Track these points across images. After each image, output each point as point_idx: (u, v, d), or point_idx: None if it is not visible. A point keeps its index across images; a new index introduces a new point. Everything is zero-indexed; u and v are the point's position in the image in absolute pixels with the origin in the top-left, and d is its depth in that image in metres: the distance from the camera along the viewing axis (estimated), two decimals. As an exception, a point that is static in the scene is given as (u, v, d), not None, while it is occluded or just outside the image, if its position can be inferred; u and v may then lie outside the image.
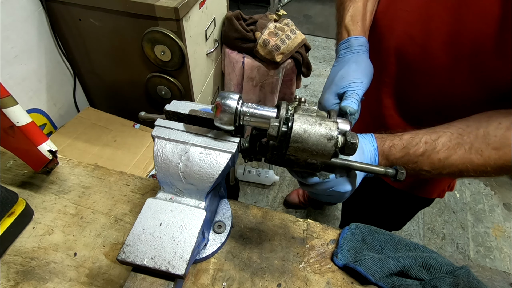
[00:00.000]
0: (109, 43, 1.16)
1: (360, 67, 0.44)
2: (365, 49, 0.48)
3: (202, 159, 0.38)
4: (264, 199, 1.68)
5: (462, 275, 0.43)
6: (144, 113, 0.44)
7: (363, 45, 0.48)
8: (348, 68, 0.44)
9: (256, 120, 0.36)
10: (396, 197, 0.76)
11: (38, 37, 1.11)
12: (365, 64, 0.45)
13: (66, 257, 0.47)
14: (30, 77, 1.12)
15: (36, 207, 0.52)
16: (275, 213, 0.54)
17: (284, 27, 1.49)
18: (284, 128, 0.32)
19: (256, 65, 1.48)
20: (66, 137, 1.16)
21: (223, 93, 0.35)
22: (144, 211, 0.37)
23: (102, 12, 1.05)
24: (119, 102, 1.42)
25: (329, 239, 0.51)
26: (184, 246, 0.35)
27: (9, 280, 0.44)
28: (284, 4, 3.20)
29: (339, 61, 0.48)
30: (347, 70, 0.44)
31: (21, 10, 1.02)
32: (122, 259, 0.34)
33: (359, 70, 0.44)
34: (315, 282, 0.46)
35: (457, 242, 1.59)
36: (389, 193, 0.74)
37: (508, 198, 1.80)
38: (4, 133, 0.48)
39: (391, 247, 0.49)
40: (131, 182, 0.57)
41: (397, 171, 0.35)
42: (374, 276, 0.44)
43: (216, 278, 0.45)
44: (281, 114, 0.34)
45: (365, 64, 0.45)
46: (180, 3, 0.99)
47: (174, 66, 1.14)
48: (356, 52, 0.46)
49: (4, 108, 0.45)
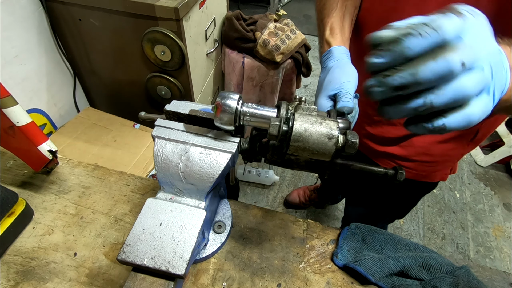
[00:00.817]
0: (109, 43, 1.16)
1: (344, 70, 0.46)
2: (347, 56, 0.50)
3: (202, 159, 0.38)
4: (264, 199, 1.68)
5: (462, 275, 0.43)
6: (144, 113, 0.44)
7: (344, 53, 0.50)
8: (333, 73, 0.46)
9: (256, 120, 0.36)
10: (399, 185, 0.76)
11: (38, 37, 1.11)
12: (348, 68, 0.47)
13: (66, 257, 0.47)
14: (30, 77, 1.12)
15: (36, 207, 0.52)
16: (275, 213, 0.54)
17: (284, 27, 1.49)
18: (284, 127, 0.32)
19: (256, 65, 1.48)
20: (66, 137, 1.16)
21: (223, 93, 0.35)
22: (144, 211, 0.37)
23: (102, 12, 1.05)
24: (119, 102, 1.42)
25: (329, 239, 0.51)
26: (184, 246, 0.35)
27: (9, 280, 0.44)
28: (284, 4, 3.20)
29: (323, 70, 0.50)
30: (332, 75, 0.46)
31: (21, 10, 1.02)
32: (122, 259, 0.34)
33: (344, 73, 0.45)
34: (315, 282, 0.46)
35: (457, 242, 1.59)
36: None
37: (508, 198, 1.80)
38: (4, 133, 0.48)
39: (391, 247, 0.49)
40: (131, 182, 0.57)
41: (397, 171, 0.35)
42: (374, 276, 0.44)
43: (216, 278, 0.45)
44: (282, 113, 0.34)
45: (348, 68, 0.47)
46: (180, 3, 0.99)
47: (174, 66, 1.14)
48: (337, 59, 0.48)
49: (4, 108, 0.45)
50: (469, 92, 0.25)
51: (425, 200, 1.75)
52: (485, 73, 0.26)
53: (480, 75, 0.25)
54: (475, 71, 0.25)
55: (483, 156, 1.95)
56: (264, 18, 1.52)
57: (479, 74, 0.25)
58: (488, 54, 0.26)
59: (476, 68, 0.25)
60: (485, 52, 0.26)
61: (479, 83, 0.25)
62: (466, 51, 0.24)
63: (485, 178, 1.90)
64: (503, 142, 1.86)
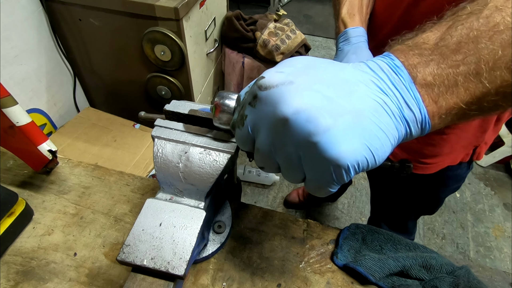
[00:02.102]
0: (109, 43, 1.16)
1: (360, 57, 0.43)
2: (364, 39, 0.46)
3: (202, 159, 0.38)
4: (264, 199, 1.68)
5: (462, 275, 0.43)
6: (144, 113, 0.44)
7: (361, 35, 0.46)
8: (347, 60, 0.43)
9: None
10: (418, 182, 0.73)
11: (38, 37, 1.11)
12: (364, 54, 0.44)
13: (66, 257, 0.47)
14: (30, 77, 1.12)
15: (36, 207, 0.52)
16: (275, 213, 0.54)
17: (284, 27, 1.49)
18: None
19: (256, 65, 1.48)
20: (66, 137, 1.16)
21: (221, 93, 0.35)
22: (143, 211, 0.37)
23: (102, 12, 1.05)
24: (119, 102, 1.42)
25: (329, 239, 0.51)
26: (184, 246, 0.35)
27: (9, 280, 0.44)
28: (284, 4, 3.20)
29: (338, 54, 0.47)
30: (347, 62, 0.42)
31: (21, 10, 1.02)
32: (121, 259, 0.34)
33: (359, 60, 0.43)
34: (315, 282, 0.46)
35: (457, 242, 1.59)
36: (411, 180, 0.72)
37: (508, 198, 1.80)
38: (4, 133, 0.48)
39: (391, 247, 0.49)
40: (131, 182, 0.57)
41: (404, 164, 0.34)
42: (374, 276, 0.44)
43: (216, 278, 0.45)
44: None
45: (364, 54, 0.44)
46: (180, 3, 0.99)
47: (174, 66, 1.15)
48: (354, 43, 0.45)
49: (4, 108, 0.45)
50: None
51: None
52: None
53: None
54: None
55: (483, 156, 1.95)
56: (264, 18, 1.52)
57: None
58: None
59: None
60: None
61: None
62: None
63: (485, 178, 1.90)
64: (503, 142, 1.86)
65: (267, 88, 0.24)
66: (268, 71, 0.26)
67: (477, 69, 0.23)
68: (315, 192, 0.27)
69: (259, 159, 0.28)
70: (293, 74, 0.24)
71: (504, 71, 0.22)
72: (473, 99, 0.23)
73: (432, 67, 0.23)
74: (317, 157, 0.22)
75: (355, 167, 0.23)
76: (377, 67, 0.25)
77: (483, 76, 0.23)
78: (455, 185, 0.76)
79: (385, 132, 0.23)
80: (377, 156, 0.23)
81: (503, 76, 0.22)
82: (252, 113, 0.26)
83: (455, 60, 0.23)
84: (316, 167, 0.24)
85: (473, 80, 0.23)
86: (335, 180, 0.24)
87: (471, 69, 0.23)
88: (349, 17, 0.49)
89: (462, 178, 0.76)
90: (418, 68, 0.24)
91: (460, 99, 0.23)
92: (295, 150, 0.24)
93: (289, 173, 0.27)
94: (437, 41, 0.24)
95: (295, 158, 0.24)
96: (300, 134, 0.22)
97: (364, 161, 0.23)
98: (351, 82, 0.24)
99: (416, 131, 0.25)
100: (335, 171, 0.23)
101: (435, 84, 0.23)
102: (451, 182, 0.75)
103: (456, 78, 0.23)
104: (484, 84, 0.23)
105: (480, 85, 0.23)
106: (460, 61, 0.23)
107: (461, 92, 0.23)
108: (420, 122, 0.24)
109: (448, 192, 0.79)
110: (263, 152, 0.27)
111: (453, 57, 0.23)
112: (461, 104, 0.24)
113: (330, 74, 0.24)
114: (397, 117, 0.23)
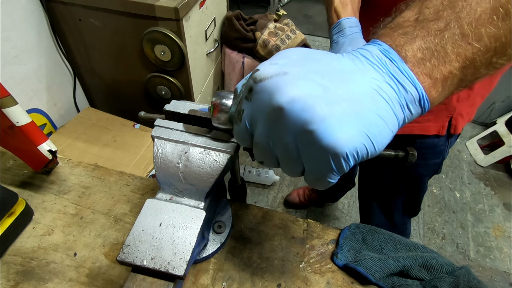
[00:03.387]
0: (109, 43, 1.16)
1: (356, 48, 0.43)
2: (358, 29, 0.46)
3: (201, 159, 0.38)
4: (264, 199, 1.68)
5: (462, 275, 0.43)
6: (144, 113, 0.44)
7: (355, 25, 0.46)
8: (344, 52, 0.43)
9: None
10: (402, 171, 0.74)
11: (38, 37, 1.11)
12: (361, 44, 0.42)
13: (66, 257, 0.47)
14: (30, 77, 1.12)
15: (36, 207, 0.52)
16: (275, 213, 0.54)
17: (284, 27, 1.49)
18: None
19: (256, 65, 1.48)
20: (66, 137, 1.16)
21: (219, 93, 0.35)
22: (143, 211, 0.37)
23: (102, 12, 1.05)
24: (119, 102, 1.42)
25: (329, 239, 0.51)
26: (184, 246, 0.35)
27: (9, 280, 0.44)
28: (284, 4, 3.20)
29: (334, 46, 0.46)
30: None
31: (21, 10, 1.02)
32: (121, 259, 0.34)
33: None
34: (315, 282, 0.46)
35: (457, 242, 1.59)
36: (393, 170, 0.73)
37: (508, 198, 1.80)
38: (4, 133, 0.48)
39: (391, 247, 0.49)
40: (131, 182, 0.57)
41: (407, 152, 0.33)
42: (374, 276, 0.44)
43: (216, 278, 0.45)
44: None
45: (361, 44, 0.42)
46: (180, 3, 0.99)
47: (174, 66, 1.15)
48: (349, 35, 0.45)
49: (4, 108, 0.45)
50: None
51: (425, 200, 1.75)
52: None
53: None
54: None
55: (483, 156, 1.95)
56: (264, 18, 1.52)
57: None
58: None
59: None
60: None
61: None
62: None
63: (485, 178, 1.90)
64: (503, 142, 1.86)
65: (261, 80, 0.24)
66: (262, 64, 0.26)
67: (462, 31, 0.23)
68: (315, 184, 0.26)
69: (258, 153, 0.28)
70: (288, 65, 0.24)
71: (489, 26, 0.23)
72: (466, 63, 0.24)
73: (419, 43, 0.24)
74: (314, 146, 0.22)
75: (354, 155, 0.22)
76: (369, 54, 0.25)
77: (469, 37, 0.23)
78: (433, 160, 0.74)
79: (383, 119, 0.23)
80: (376, 143, 0.23)
81: (489, 31, 0.23)
82: (249, 106, 0.26)
83: (438, 29, 0.23)
84: (314, 157, 0.23)
85: (461, 43, 0.23)
86: (335, 170, 0.23)
87: (457, 33, 0.23)
88: (342, 7, 0.48)
89: (441, 153, 0.73)
90: (405, 47, 0.24)
91: (453, 67, 0.24)
92: (292, 140, 0.24)
93: (287, 166, 0.27)
94: (416, 16, 0.25)
95: (293, 149, 0.24)
96: (296, 123, 0.22)
97: (363, 148, 0.22)
98: (346, 71, 0.24)
99: (416, 111, 0.25)
100: (333, 159, 0.22)
101: (426, 59, 0.24)
102: (428, 155, 0.73)
103: (444, 47, 0.23)
104: (473, 44, 0.23)
105: (469, 46, 0.23)
106: (444, 29, 0.23)
107: (453, 59, 0.23)
108: (418, 101, 0.24)
109: (428, 170, 0.77)
110: (261, 145, 0.27)
111: (435, 26, 0.23)
112: (455, 71, 0.24)
113: (324, 64, 0.25)
114: (394, 101, 0.23)
